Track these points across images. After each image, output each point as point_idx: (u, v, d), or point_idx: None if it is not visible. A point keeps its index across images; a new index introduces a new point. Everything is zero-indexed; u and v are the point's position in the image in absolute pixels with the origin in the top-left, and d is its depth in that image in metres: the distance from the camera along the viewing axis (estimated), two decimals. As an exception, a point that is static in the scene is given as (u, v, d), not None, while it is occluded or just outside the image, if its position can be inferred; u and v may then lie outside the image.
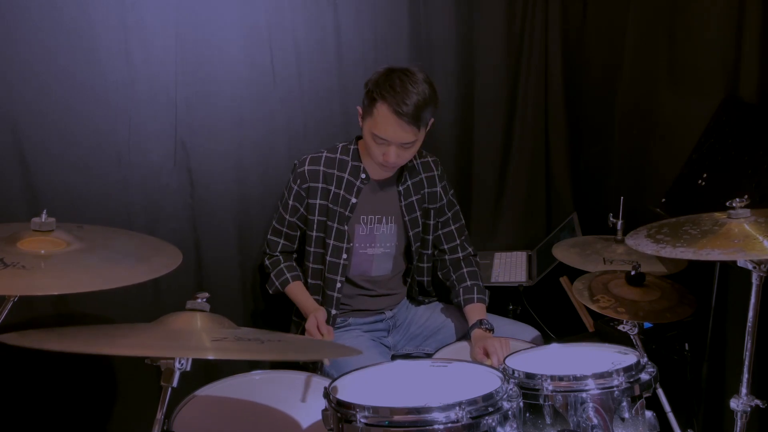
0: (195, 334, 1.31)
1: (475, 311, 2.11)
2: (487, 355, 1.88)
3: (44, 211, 1.43)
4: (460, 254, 2.25)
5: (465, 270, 2.21)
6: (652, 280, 1.88)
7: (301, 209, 2.12)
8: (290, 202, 2.11)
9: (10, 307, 1.42)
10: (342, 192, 2.08)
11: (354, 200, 2.09)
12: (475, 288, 2.16)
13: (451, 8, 2.70)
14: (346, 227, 2.09)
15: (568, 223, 2.80)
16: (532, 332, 2.13)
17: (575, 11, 2.83)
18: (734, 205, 1.52)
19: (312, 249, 2.13)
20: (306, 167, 2.08)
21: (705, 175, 1.95)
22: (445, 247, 2.25)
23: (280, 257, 2.18)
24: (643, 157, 2.44)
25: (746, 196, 1.53)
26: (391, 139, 1.94)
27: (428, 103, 1.94)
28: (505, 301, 2.59)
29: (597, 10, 2.74)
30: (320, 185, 2.08)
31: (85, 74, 1.99)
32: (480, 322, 2.04)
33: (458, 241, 2.25)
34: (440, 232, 2.24)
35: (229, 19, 2.21)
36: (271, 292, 2.17)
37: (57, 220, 1.45)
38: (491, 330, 2.04)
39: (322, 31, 2.39)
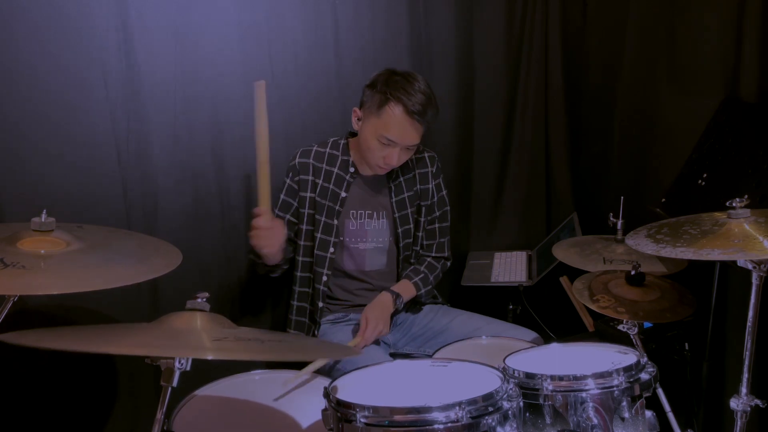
0: (195, 333, 1.31)
1: (403, 285, 2.13)
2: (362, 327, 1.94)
3: (44, 211, 1.43)
4: (432, 254, 2.27)
5: (425, 264, 2.23)
6: (652, 280, 1.88)
7: (294, 204, 2.13)
8: (282, 197, 2.12)
9: (10, 307, 1.42)
10: (331, 186, 2.10)
11: (344, 194, 2.10)
12: (422, 275, 2.18)
13: (451, 8, 2.70)
14: (335, 221, 2.10)
15: (568, 223, 2.80)
16: (530, 335, 2.12)
17: (575, 11, 2.83)
18: (734, 205, 1.52)
19: (302, 242, 2.14)
20: (297, 160, 2.12)
21: (705, 175, 1.94)
22: (424, 243, 2.26)
23: None
24: (643, 157, 2.43)
25: (746, 196, 1.53)
26: (400, 141, 1.95)
27: (432, 104, 1.99)
28: (505, 301, 2.59)
29: (597, 10, 2.74)
30: (310, 178, 2.10)
31: (84, 74, 1.99)
32: (393, 293, 2.07)
33: (435, 241, 2.26)
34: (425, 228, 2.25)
35: (228, 19, 2.21)
36: (260, 271, 2.14)
37: (57, 220, 1.45)
38: (397, 308, 2.06)
39: (320, 31, 2.39)
